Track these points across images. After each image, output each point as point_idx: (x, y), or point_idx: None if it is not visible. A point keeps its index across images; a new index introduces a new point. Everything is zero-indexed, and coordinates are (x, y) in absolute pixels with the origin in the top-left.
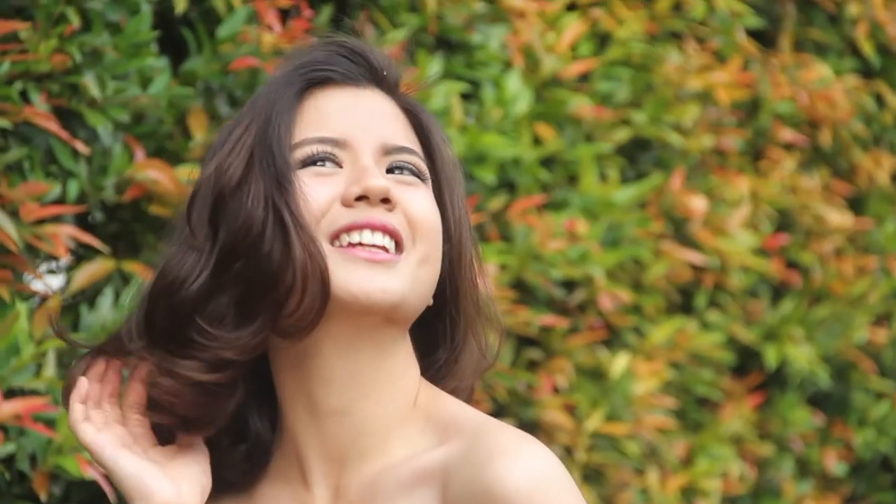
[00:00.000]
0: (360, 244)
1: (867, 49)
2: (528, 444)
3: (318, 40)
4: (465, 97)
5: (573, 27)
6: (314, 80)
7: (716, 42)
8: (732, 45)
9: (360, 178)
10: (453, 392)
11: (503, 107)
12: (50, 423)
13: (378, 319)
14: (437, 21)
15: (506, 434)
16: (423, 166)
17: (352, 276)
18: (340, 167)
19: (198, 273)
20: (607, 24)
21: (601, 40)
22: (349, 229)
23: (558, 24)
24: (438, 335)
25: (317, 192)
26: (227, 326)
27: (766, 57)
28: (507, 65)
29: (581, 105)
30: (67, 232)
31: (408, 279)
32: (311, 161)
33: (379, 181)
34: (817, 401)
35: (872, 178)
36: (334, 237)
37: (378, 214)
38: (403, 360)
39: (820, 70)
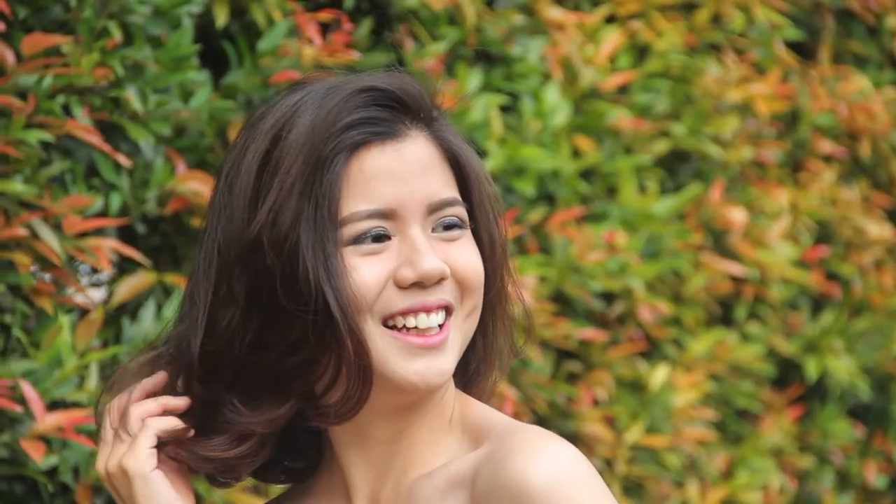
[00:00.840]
0: (416, 328)
1: None
2: (551, 442)
3: (352, 78)
4: (504, 109)
5: (612, 39)
6: (358, 143)
7: (755, 54)
8: (771, 57)
9: (414, 260)
10: (480, 392)
11: (542, 119)
12: (93, 435)
13: None
14: (476, 34)
15: (529, 432)
16: (464, 212)
17: (410, 365)
18: (390, 239)
19: (239, 339)
20: (646, 36)
21: (640, 52)
22: (405, 313)
23: (597, 37)
24: (473, 342)
25: (368, 275)
26: (262, 406)
27: (805, 69)
28: (546, 77)
29: (620, 117)
30: (110, 245)
31: (458, 344)
32: (361, 238)
33: (434, 263)
34: (857, 413)
35: None
36: (388, 319)
37: (435, 297)
38: (446, 384)
39: (859, 82)
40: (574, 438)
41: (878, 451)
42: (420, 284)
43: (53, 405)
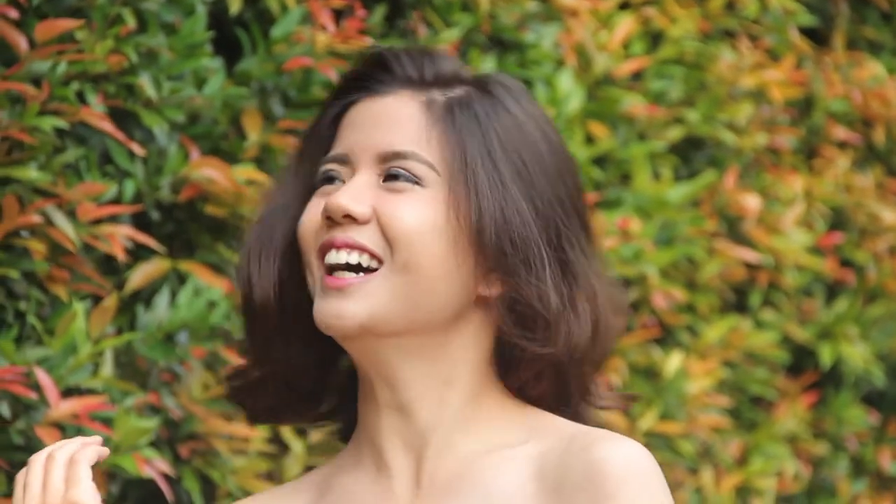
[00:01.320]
0: (329, 266)
1: None
2: (631, 439)
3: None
4: None
5: (625, 25)
6: (349, 100)
7: (769, 40)
8: (786, 43)
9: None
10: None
11: (556, 105)
12: (107, 422)
13: (366, 339)
14: (490, 20)
15: (607, 431)
16: (422, 169)
17: (318, 305)
18: (340, 182)
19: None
20: (660, 23)
21: (654, 39)
22: (321, 249)
23: (611, 23)
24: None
25: (310, 213)
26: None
27: (820, 55)
28: (560, 63)
29: (634, 103)
30: (124, 232)
31: (378, 296)
32: (322, 181)
33: (337, 199)
34: (872, 399)
35: None
36: (320, 256)
37: (343, 235)
38: (455, 365)
39: (873, 68)
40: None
41: (893, 437)
42: (330, 220)
43: (68, 392)
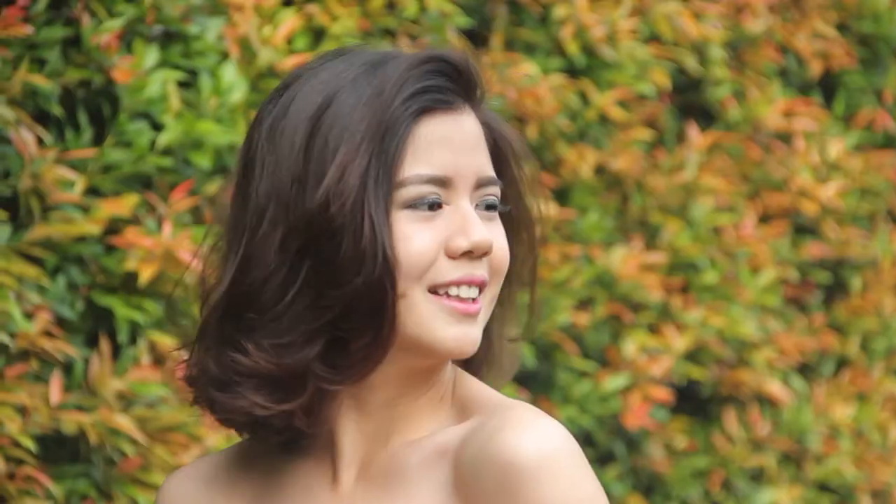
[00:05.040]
0: (458, 297)
1: (572, 49)
2: (543, 419)
3: (418, 50)
4: (184, 86)
5: (289, 22)
6: (423, 109)
7: (428, 40)
8: (444, 43)
9: (467, 230)
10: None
11: (219, 95)
12: None
13: None
14: (155, 11)
15: (521, 409)
16: (499, 193)
17: (450, 329)
18: (442, 207)
19: (282, 292)
20: (322, 20)
21: (316, 35)
22: (457, 284)
23: (275, 19)
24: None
25: (423, 243)
26: (290, 349)
27: (478, 55)
28: (224, 56)
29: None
30: None
31: (484, 320)
32: (416, 203)
33: (486, 234)
34: (524, 379)
35: (576, 171)
36: (437, 287)
37: (481, 270)
38: (441, 370)
39: (528, 68)
40: None
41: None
42: (469, 255)
43: None
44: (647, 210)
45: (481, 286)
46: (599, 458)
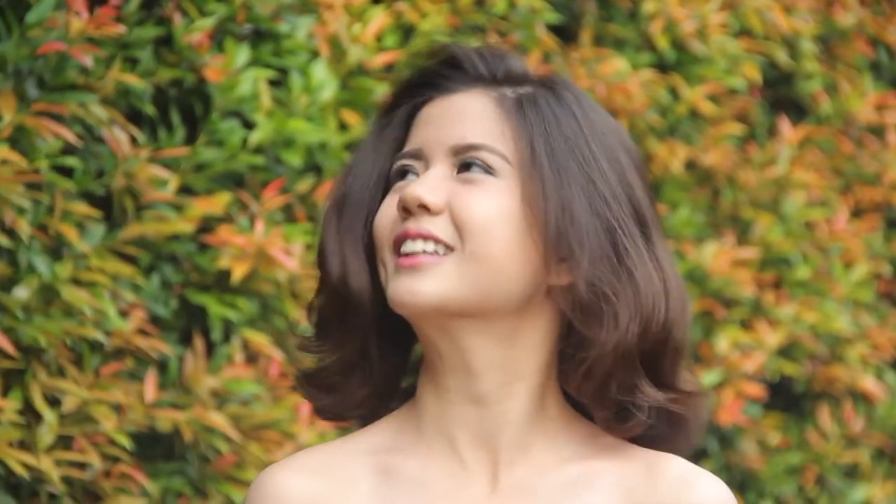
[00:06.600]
0: (406, 254)
1: (662, 44)
2: (710, 474)
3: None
4: (274, 84)
5: (378, 19)
6: (421, 98)
7: (517, 36)
8: (533, 39)
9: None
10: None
11: (310, 94)
12: None
13: (439, 319)
14: (245, 10)
15: (683, 461)
16: (495, 160)
17: (392, 286)
18: (414, 175)
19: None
20: (411, 17)
21: (406, 32)
22: (395, 241)
23: (364, 16)
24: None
25: (385, 209)
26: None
27: (567, 51)
28: (315, 54)
29: (386, 93)
30: None
31: (450, 278)
32: (397, 176)
33: (411, 190)
34: None
35: (667, 167)
36: (393, 248)
37: (416, 226)
38: (524, 356)
39: (618, 64)
40: None
41: None
42: (406, 211)
43: None
44: (739, 205)
45: (424, 238)
46: (693, 455)
